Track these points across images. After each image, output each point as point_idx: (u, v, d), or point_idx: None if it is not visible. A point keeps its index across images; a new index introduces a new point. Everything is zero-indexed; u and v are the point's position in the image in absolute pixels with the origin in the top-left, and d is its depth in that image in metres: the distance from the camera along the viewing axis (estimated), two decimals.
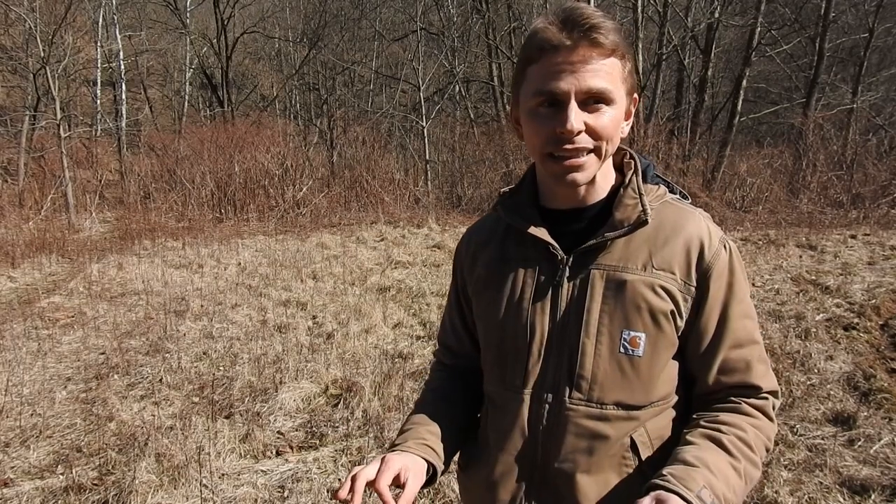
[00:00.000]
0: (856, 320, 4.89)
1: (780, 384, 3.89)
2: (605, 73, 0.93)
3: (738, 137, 15.65)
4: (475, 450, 1.14)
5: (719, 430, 0.96)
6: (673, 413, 1.04)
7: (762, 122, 18.08)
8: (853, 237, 8.45)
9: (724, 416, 0.99)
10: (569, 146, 0.94)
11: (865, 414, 3.46)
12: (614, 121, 0.96)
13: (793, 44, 15.54)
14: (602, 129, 0.95)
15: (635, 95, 1.03)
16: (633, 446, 1.00)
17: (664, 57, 13.95)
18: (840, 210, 11.11)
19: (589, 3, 13.05)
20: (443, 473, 1.09)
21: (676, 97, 16.32)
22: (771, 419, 1.01)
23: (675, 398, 1.05)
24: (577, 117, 0.93)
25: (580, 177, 0.97)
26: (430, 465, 1.05)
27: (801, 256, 7.44)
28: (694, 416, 1.03)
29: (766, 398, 1.02)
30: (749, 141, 17.71)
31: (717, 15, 13.58)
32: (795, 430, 3.33)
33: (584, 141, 0.95)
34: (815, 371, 4.04)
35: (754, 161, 13.22)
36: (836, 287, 5.78)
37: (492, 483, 1.07)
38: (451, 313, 1.25)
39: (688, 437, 0.98)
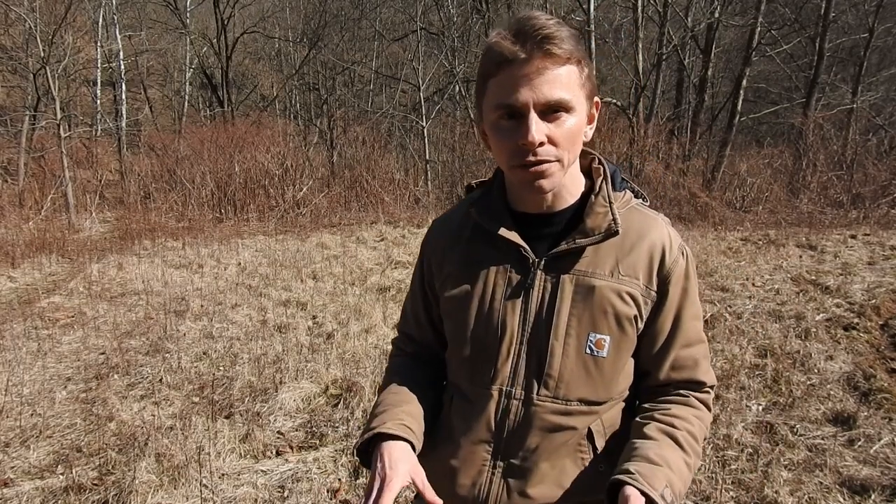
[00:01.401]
0: (856, 320, 4.89)
1: (780, 384, 3.90)
2: (563, 82, 0.95)
3: (738, 137, 15.64)
4: (436, 437, 1.16)
5: (674, 426, 1.04)
6: (623, 404, 1.12)
7: (762, 122, 18.08)
8: (853, 237, 8.44)
9: (675, 410, 1.07)
10: (532, 158, 0.96)
11: (865, 414, 3.46)
12: (576, 127, 0.99)
13: (793, 44, 15.53)
14: (564, 138, 0.97)
15: (596, 99, 1.05)
16: (590, 435, 1.07)
17: (664, 57, 13.94)
18: (840, 210, 11.10)
19: (589, 5, 13.07)
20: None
21: (676, 97, 16.33)
22: (710, 410, 1.13)
23: (628, 391, 1.13)
24: (538, 129, 0.94)
25: (546, 183, 1.00)
26: (411, 445, 1.06)
27: (801, 256, 7.43)
28: (646, 406, 1.11)
29: (709, 392, 1.13)
30: (749, 141, 17.71)
31: (717, 15, 13.57)
32: (795, 430, 3.33)
33: (548, 153, 0.97)
34: (815, 371, 4.04)
35: (754, 161, 13.23)
36: (836, 287, 5.78)
37: (453, 468, 1.11)
38: (415, 304, 1.25)
39: (645, 430, 1.05)
